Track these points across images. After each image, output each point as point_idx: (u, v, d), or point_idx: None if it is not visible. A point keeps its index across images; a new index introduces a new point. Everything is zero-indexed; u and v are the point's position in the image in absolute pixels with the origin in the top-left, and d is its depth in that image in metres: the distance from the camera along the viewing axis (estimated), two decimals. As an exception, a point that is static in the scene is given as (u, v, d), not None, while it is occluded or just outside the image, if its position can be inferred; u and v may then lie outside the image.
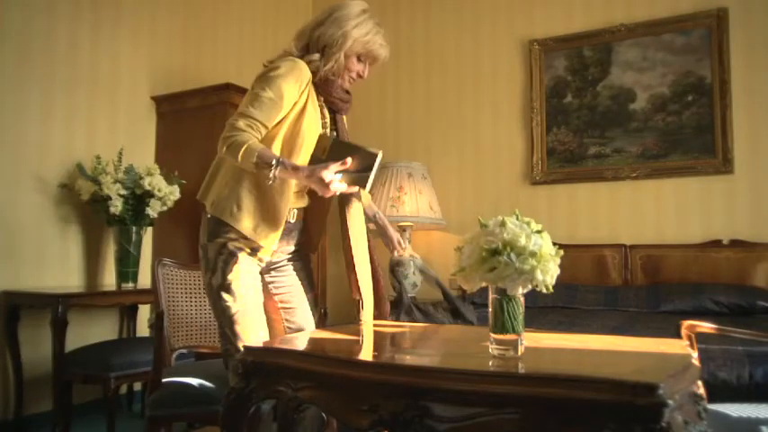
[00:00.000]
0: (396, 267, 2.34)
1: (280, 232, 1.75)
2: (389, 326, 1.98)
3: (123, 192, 3.12)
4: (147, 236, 3.48)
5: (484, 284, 1.27)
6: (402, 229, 4.13)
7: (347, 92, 1.89)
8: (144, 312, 3.54)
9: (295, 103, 1.73)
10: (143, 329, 3.53)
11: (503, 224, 1.25)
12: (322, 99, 1.84)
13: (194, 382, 2.01)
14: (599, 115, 3.93)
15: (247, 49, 4.43)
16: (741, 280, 3.37)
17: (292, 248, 1.90)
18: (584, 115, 3.97)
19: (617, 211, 3.85)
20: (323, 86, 1.81)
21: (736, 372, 2.01)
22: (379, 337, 1.73)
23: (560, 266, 1.26)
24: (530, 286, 1.24)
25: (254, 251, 1.74)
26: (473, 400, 1.11)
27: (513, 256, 1.20)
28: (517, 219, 1.27)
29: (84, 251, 3.34)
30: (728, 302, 3.15)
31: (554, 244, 1.28)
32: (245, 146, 1.60)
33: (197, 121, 3.62)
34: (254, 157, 1.60)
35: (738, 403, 1.63)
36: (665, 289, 3.40)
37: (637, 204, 3.80)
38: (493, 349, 1.28)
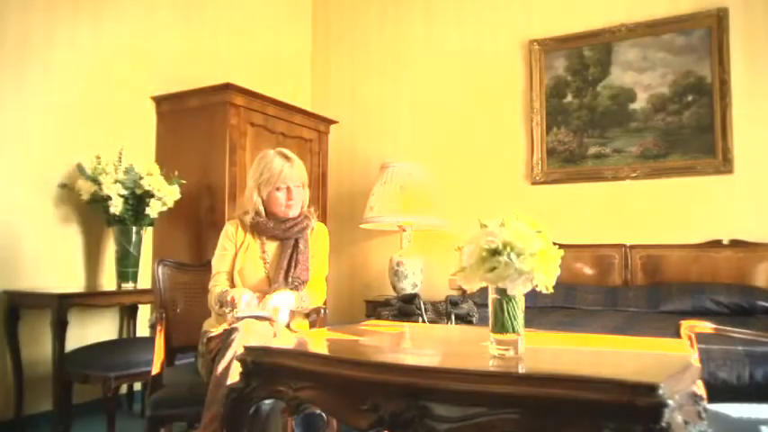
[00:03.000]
0: (415, 299, 2.84)
1: None
2: (389, 326, 1.98)
3: (123, 192, 3.12)
4: (147, 236, 3.48)
5: (484, 284, 1.27)
6: (402, 229, 4.13)
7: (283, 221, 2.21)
8: (144, 312, 3.54)
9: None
10: (143, 329, 3.53)
11: (503, 224, 1.25)
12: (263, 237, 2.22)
13: (194, 381, 2.01)
14: (599, 115, 3.92)
15: (247, 48, 4.43)
16: (741, 280, 3.37)
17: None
18: (584, 115, 3.97)
19: (617, 211, 3.85)
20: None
21: (736, 372, 2.01)
22: (378, 337, 1.73)
23: (560, 266, 1.26)
24: (530, 286, 1.24)
25: None
26: (473, 400, 1.11)
27: (513, 256, 1.20)
28: (517, 219, 1.27)
29: (85, 251, 3.34)
30: (728, 302, 3.15)
31: (554, 244, 1.28)
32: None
33: (197, 121, 3.63)
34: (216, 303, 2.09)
35: (738, 403, 1.63)
36: (665, 289, 3.40)
37: (637, 204, 3.79)
38: (493, 349, 1.28)
